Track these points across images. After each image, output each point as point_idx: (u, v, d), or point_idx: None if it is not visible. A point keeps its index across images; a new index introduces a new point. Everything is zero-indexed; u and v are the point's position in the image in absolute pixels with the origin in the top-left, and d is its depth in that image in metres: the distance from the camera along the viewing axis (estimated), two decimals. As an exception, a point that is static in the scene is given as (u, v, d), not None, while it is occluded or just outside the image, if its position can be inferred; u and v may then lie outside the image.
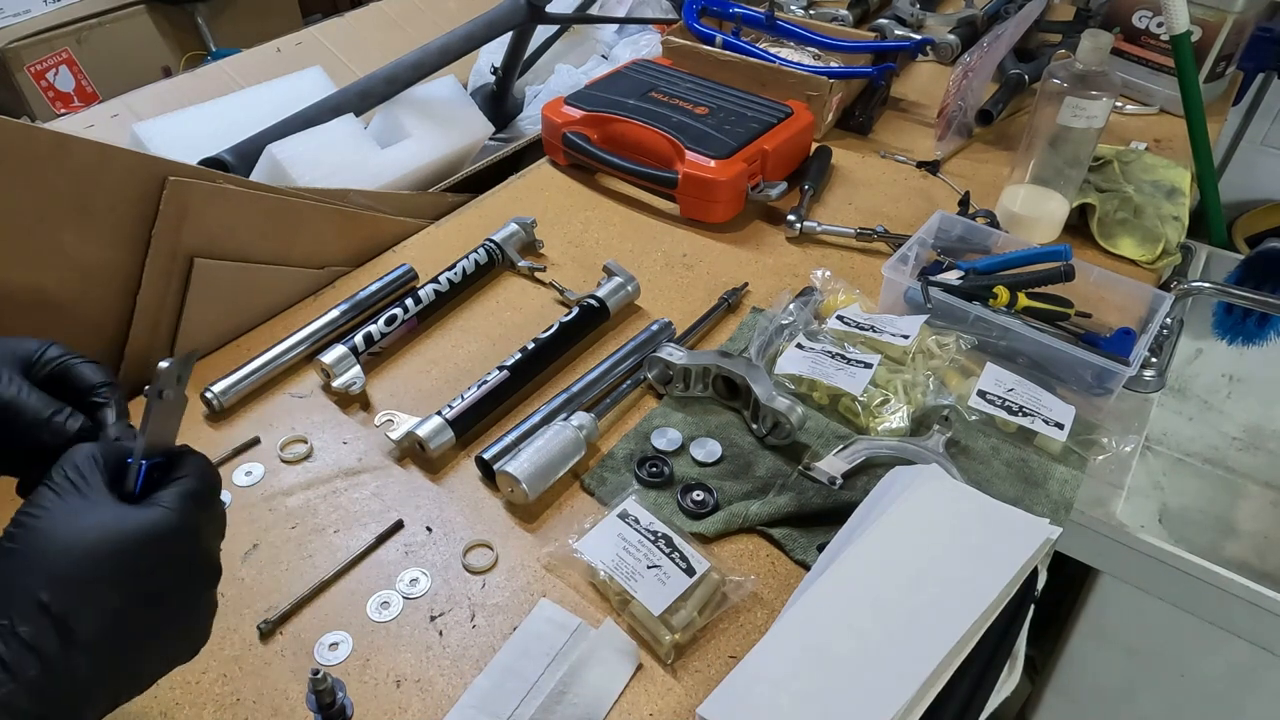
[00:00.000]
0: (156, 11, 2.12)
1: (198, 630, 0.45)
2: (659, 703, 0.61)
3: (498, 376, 0.82)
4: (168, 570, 0.41)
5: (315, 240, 0.95)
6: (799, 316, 0.90)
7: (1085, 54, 0.95)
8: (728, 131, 1.11)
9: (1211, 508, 1.34)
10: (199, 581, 0.43)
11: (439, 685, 0.62)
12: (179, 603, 0.42)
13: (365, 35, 1.48)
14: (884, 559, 0.66)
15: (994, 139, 1.29)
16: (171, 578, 0.42)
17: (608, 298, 0.92)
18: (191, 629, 0.44)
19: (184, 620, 0.43)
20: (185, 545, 0.42)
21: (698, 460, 0.78)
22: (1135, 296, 0.91)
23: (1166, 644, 0.97)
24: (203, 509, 0.43)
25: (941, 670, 0.59)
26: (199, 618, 0.44)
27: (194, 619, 0.44)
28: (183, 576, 0.42)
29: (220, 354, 0.89)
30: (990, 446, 0.81)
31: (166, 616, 0.42)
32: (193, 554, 0.43)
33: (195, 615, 0.44)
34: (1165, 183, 1.12)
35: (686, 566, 0.66)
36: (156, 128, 1.12)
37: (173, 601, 0.42)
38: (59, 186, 0.73)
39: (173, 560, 0.41)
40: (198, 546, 0.43)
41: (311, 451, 0.79)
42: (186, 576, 0.42)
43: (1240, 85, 1.47)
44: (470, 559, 0.70)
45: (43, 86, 1.97)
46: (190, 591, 0.43)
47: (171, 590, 0.42)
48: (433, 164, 1.17)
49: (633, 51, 1.49)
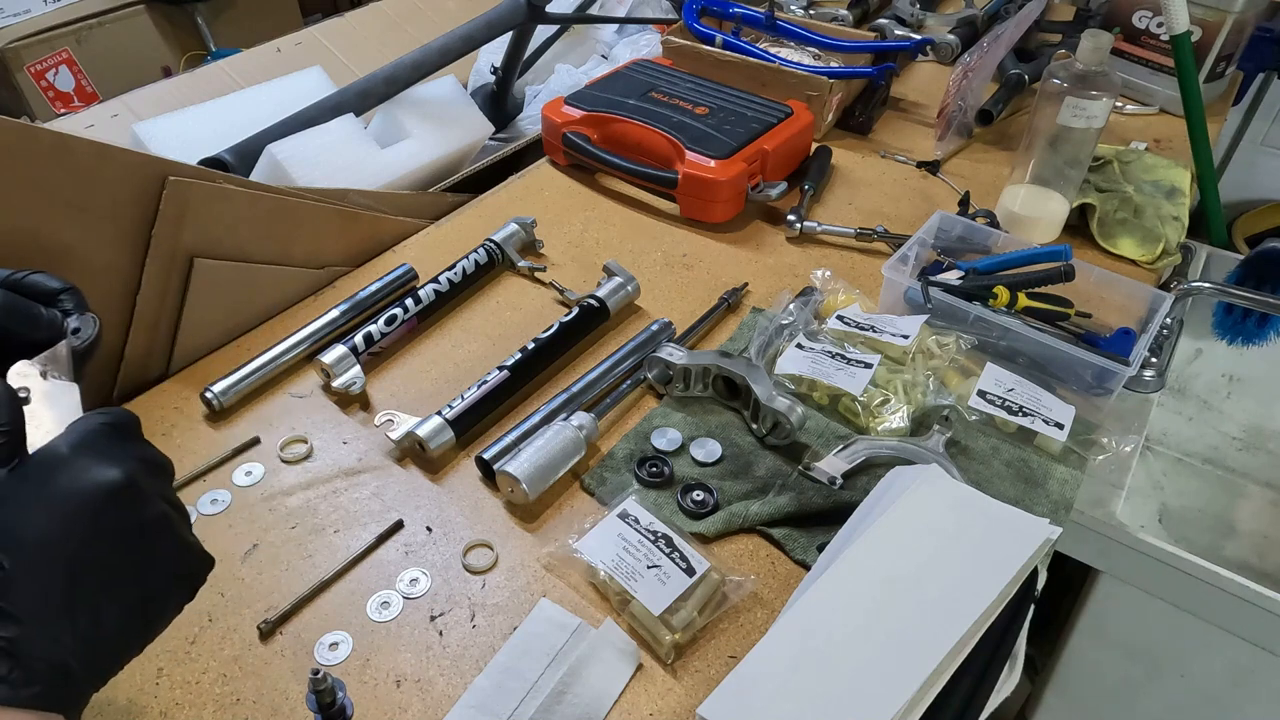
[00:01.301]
0: (156, 11, 2.12)
1: (178, 567, 0.43)
2: (659, 703, 0.61)
3: (498, 376, 0.82)
4: (106, 514, 0.40)
5: (315, 240, 0.95)
6: (799, 316, 0.90)
7: (1085, 54, 0.95)
8: (728, 131, 1.11)
9: (1211, 508, 1.34)
10: (137, 510, 0.41)
11: (439, 685, 0.62)
12: (129, 546, 0.41)
13: (365, 35, 1.48)
14: (884, 559, 0.66)
15: (994, 139, 1.29)
16: (107, 522, 0.40)
17: (608, 298, 0.92)
18: (162, 567, 0.43)
19: (145, 558, 0.42)
20: (93, 472, 0.40)
21: (698, 460, 0.78)
22: (1135, 296, 0.91)
23: (1166, 644, 0.97)
24: (99, 437, 0.42)
25: (941, 670, 0.59)
26: (165, 552, 0.43)
27: (158, 555, 0.42)
28: (117, 511, 0.40)
29: (220, 354, 0.89)
30: (990, 446, 0.81)
31: (118, 559, 0.40)
32: (106, 482, 0.40)
33: (158, 551, 0.42)
34: (1165, 183, 1.12)
35: (686, 566, 0.66)
36: (156, 128, 1.12)
37: (121, 547, 0.40)
38: (59, 186, 0.73)
39: (90, 497, 0.40)
40: (105, 467, 0.41)
41: (311, 451, 0.79)
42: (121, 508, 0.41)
43: (1240, 85, 1.47)
44: (470, 559, 0.70)
45: (43, 86, 1.97)
46: (138, 528, 0.41)
47: (116, 535, 0.40)
48: (433, 164, 1.17)
49: (633, 51, 1.49)
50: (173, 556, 0.43)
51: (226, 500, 0.74)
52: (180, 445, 0.78)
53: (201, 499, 0.74)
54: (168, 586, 0.44)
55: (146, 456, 0.44)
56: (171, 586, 0.44)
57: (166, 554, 0.43)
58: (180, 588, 0.44)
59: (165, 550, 0.43)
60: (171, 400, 0.83)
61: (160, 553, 0.43)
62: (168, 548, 0.43)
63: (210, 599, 0.66)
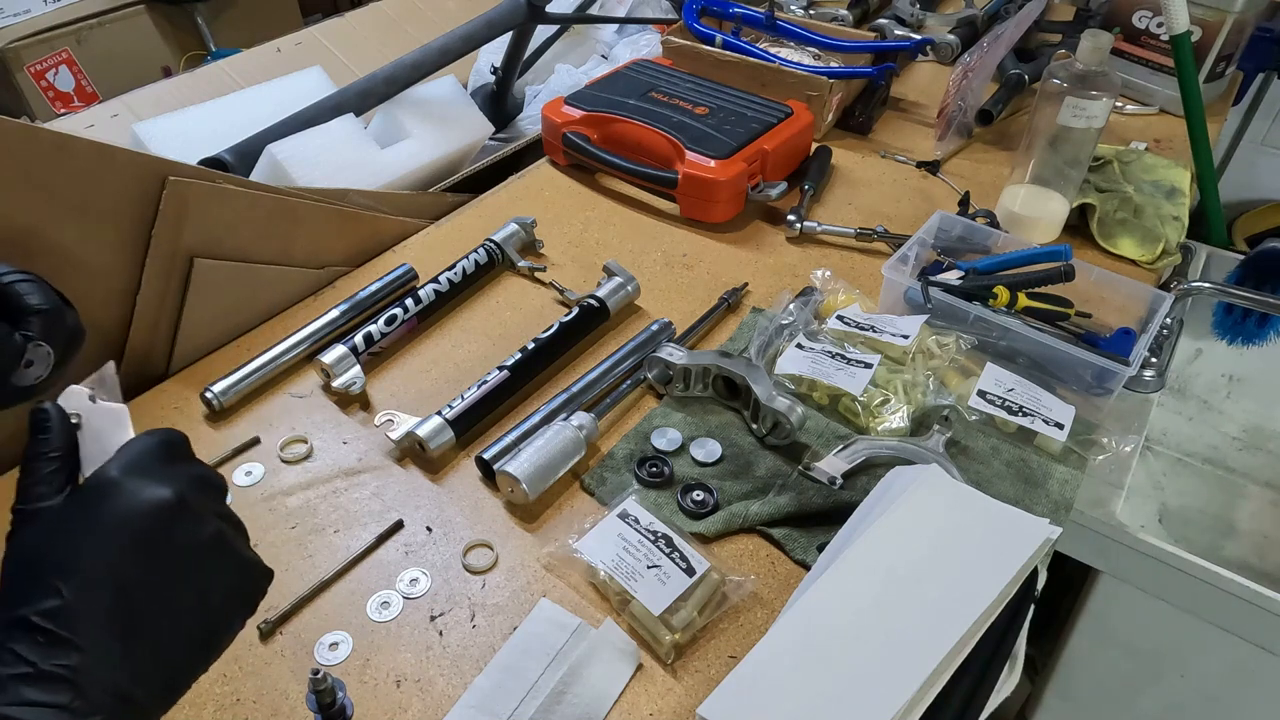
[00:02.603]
0: (156, 11, 2.12)
1: (236, 583, 0.43)
2: (659, 703, 0.61)
3: (498, 376, 0.82)
4: (163, 536, 0.40)
5: (315, 240, 0.95)
6: (799, 316, 0.90)
7: (1085, 54, 0.95)
8: (728, 131, 1.11)
9: (1211, 508, 1.34)
10: (196, 532, 0.41)
11: (439, 685, 0.62)
12: (186, 567, 0.41)
13: (365, 35, 1.48)
14: (884, 559, 0.66)
15: (994, 139, 1.29)
16: (162, 543, 0.40)
17: (608, 298, 0.92)
18: (220, 584, 0.43)
19: (202, 577, 0.41)
20: (136, 493, 0.40)
21: (698, 460, 0.78)
22: (1135, 296, 0.91)
23: (1166, 644, 0.97)
24: (149, 458, 0.42)
25: (941, 670, 0.59)
26: (222, 569, 0.43)
27: (216, 573, 0.42)
28: (174, 535, 0.40)
29: (220, 354, 0.89)
30: (990, 446, 0.81)
31: (175, 580, 0.40)
32: (150, 501, 0.40)
33: (215, 569, 0.42)
34: (1165, 183, 1.12)
35: (686, 566, 0.66)
36: (156, 128, 1.12)
37: (177, 568, 0.40)
38: (59, 186, 0.73)
39: (136, 518, 0.40)
40: (149, 488, 0.41)
41: (311, 451, 0.79)
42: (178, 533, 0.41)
43: (1240, 85, 1.47)
44: (470, 559, 0.70)
45: (43, 86, 1.97)
46: (198, 549, 0.41)
47: (169, 554, 0.40)
48: (433, 164, 1.17)
49: (633, 51, 1.49)
50: (230, 573, 0.43)
51: (226, 500, 0.74)
52: (180, 445, 0.78)
53: (201, 499, 0.74)
54: (226, 603, 0.43)
55: (197, 474, 0.44)
56: (231, 603, 0.43)
57: (224, 571, 0.43)
58: (240, 603, 0.44)
59: (222, 567, 0.43)
60: (171, 400, 0.83)
61: (217, 570, 0.42)
62: (225, 565, 0.43)
63: (210, 599, 0.66)
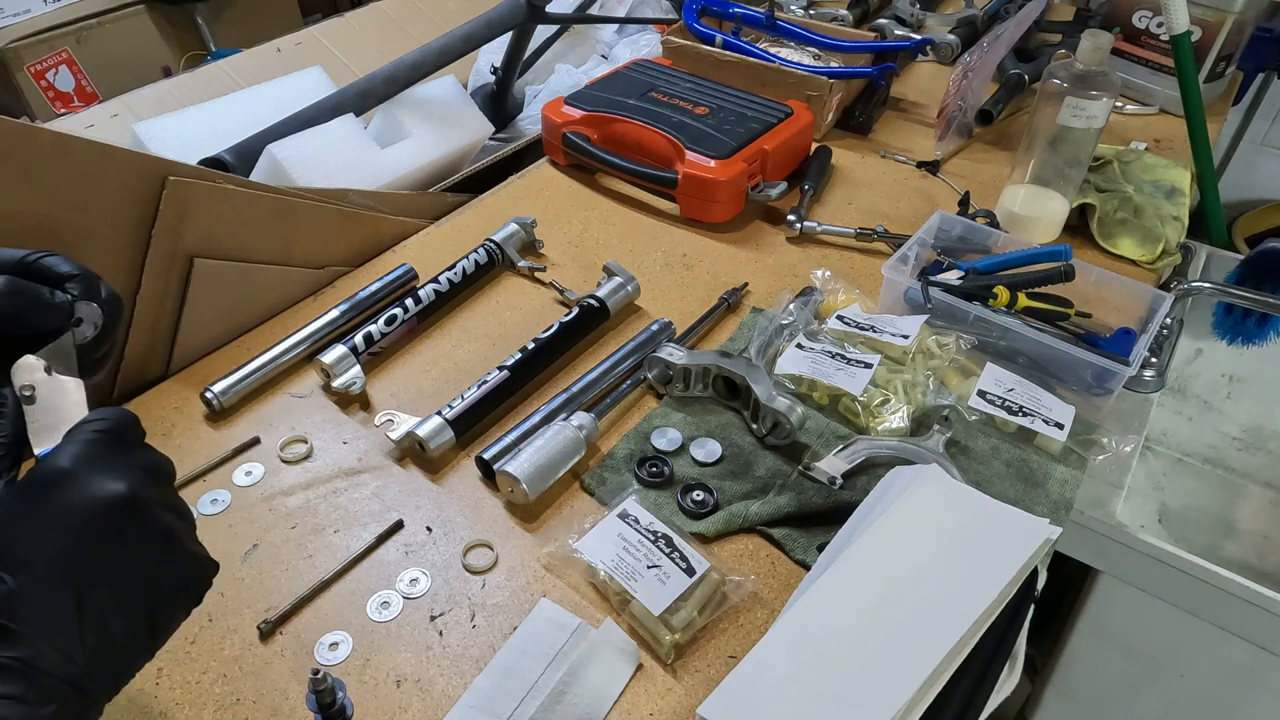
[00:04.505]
0: (156, 11, 2.12)
1: (183, 575, 0.44)
2: (659, 703, 0.61)
3: (498, 376, 0.82)
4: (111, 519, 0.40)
5: (315, 240, 0.95)
6: (799, 316, 0.90)
7: (1085, 54, 0.95)
8: (728, 131, 1.11)
9: (1211, 508, 1.34)
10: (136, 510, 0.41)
11: (439, 685, 0.62)
12: (134, 559, 0.41)
13: (365, 35, 1.48)
14: (884, 559, 0.66)
15: (994, 139, 1.29)
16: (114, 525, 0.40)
17: (608, 298, 0.92)
18: (167, 576, 0.43)
19: (150, 569, 0.42)
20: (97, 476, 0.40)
21: (698, 460, 0.78)
22: (1135, 296, 0.91)
23: (1166, 644, 0.97)
24: (100, 445, 0.42)
25: (941, 670, 0.59)
26: (169, 562, 0.43)
27: (163, 565, 0.43)
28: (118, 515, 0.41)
29: (220, 354, 0.89)
30: (990, 446, 0.81)
31: (124, 572, 0.40)
32: (109, 487, 0.40)
33: (163, 561, 0.42)
34: (1165, 183, 1.12)
35: (686, 566, 0.66)
36: (156, 128, 1.12)
37: (126, 560, 0.40)
38: (59, 186, 0.73)
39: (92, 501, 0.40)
40: (107, 473, 0.41)
41: (311, 451, 0.79)
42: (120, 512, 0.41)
43: (1240, 85, 1.47)
44: (470, 559, 0.70)
45: (43, 86, 1.97)
46: (143, 532, 0.41)
47: (120, 537, 0.40)
48: (433, 164, 1.17)
49: (633, 51, 1.49)
50: (177, 565, 0.44)
51: (226, 500, 0.74)
52: (180, 445, 0.78)
53: (201, 499, 0.74)
54: (173, 594, 0.44)
55: (148, 464, 0.43)
56: (177, 594, 0.44)
57: (171, 565, 0.43)
58: (186, 595, 0.45)
59: (170, 560, 0.43)
60: (171, 400, 0.83)
61: (165, 562, 0.43)
62: (172, 557, 0.43)
63: (210, 599, 0.65)
